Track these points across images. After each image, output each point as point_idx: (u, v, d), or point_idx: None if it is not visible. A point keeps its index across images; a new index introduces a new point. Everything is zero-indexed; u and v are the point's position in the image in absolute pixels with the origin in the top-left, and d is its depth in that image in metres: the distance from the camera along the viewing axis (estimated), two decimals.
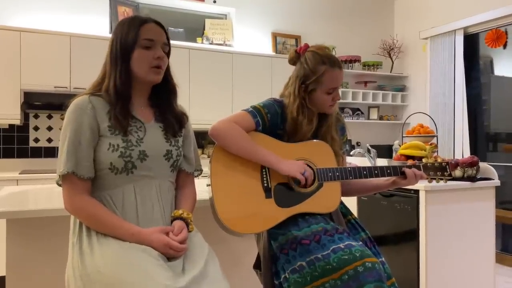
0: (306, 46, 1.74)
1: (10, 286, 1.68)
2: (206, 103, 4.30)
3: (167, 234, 1.33)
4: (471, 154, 4.53)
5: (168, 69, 1.50)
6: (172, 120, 1.49)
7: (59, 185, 1.37)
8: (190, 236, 1.41)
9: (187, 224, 1.41)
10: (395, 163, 2.91)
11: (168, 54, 1.48)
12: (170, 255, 1.30)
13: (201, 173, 1.65)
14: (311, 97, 1.69)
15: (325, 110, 1.73)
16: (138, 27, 1.39)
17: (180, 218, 1.41)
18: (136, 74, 1.41)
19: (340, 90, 1.80)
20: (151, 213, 1.38)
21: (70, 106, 1.36)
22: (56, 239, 1.68)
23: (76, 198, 1.33)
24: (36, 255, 1.72)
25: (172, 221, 1.41)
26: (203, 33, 4.70)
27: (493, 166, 2.98)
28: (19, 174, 3.45)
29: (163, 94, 1.50)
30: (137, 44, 1.38)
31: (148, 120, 1.45)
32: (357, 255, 1.43)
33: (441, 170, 1.79)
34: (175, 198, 1.52)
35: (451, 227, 2.71)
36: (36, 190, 2.17)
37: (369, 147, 3.51)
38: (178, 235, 1.34)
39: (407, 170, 1.72)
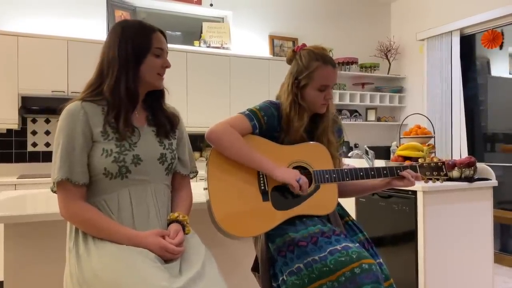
0: (304, 45, 1.75)
1: None
2: (204, 106, 4.31)
3: (163, 237, 1.33)
4: (468, 154, 4.54)
5: None
6: (164, 121, 1.50)
7: (54, 192, 1.37)
8: (187, 238, 1.42)
9: (183, 227, 1.41)
10: (392, 164, 2.91)
11: None
12: (166, 257, 1.31)
13: (196, 174, 1.65)
14: (303, 93, 1.70)
15: (316, 108, 1.72)
16: (150, 35, 1.42)
17: (176, 221, 1.41)
18: (145, 79, 1.42)
19: (336, 91, 1.80)
20: (146, 217, 1.38)
21: (63, 113, 1.36)
22: (54, 244, 1.68)
23: (71, 205, 1.33)
24: (34, 259, 1.72)
25: (168, 225, 1.41)
26: (200, 36, 4.71)
27: (490, 166, 2.99)
28: (17, 178, 3.45)
29: (155, 97, 1.52)
30: (150, 51, 1.41)
31: (141, 125, 1.46)
32: (354, 256, 1.43)
33: (437, 170, 1.79)
34: (172, 200, 1.52)
35: (449, 227, 2.71)
36: (34, 194, 2.17)
37: (367, 149, 3.51)
38: (174, 238, 1.34)
39: (402, 173, 1.73)
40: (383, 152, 4.88)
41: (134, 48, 1.39)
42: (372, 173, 1.72)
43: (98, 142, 1.35)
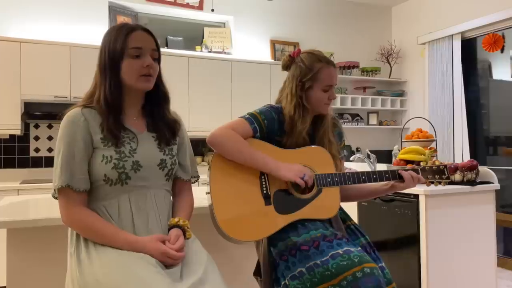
0: (299, 50, 1.78)
1: None
2: (206, 110, 4.32)
3: (163, 242, 1.33)
4: (470, 158, 4.53)
5: (159, 76, 1.48)
6: (164, 128, 1.49)
7: (56, 198, 1.37)
8: (188, 242, 1.42)
9: (184, 232, 1.41)
10: (394, 168, 2.91)
11: (158, 60, 1.46)
12: (167, 263, 1.30)
13: (197, 179, 1.65)
14: (308, 95, 1.72)
15: (320, 109, 1.74)
16: (125, 36, 1.38)
17: (176, 226, 1.41)
18: (127, 84, 1.40)
19: (337, 95, 1.82)
20: (147, 223, 1.38)
21: (63, 120, 1.37)
22: (57, 249, 1.68)
23: (72, 211, 1.33)
24: (36, 264, 1.72)
25: (169, 230, 1.41)
26: (202, 42, 4.73)
27: (493, 169, 2.99)
28: (20, 184, 3.46)
29: (156, 102, 1.50)
30: (125, 53, 1.37)
31: (140, 131, 1.45)
32: (356, 260, 1.43)
33: (439, 173, 1.79)
34: (173, 206, 1.52)
35: (452, 231, 2.70)
36: (37, 199, 2.17)
37: (369, 153, 3.51)
38: (175, 243, 1.34)
39: (403, 173, 1.73)
40: (385, 156, 4.88)
41: (109, 55, 1.38)
42: (374, 176, 1.73)
43: (98, 148, 1.36)
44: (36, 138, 3.98)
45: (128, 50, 1.37)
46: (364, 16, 5.68)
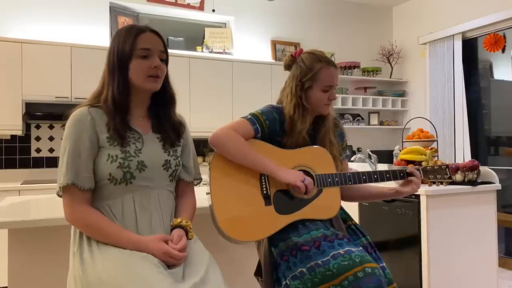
0: (301, 50, 1.79)
1: None
2: (207, 111, 4.32)
3: (166, 242, 1.33)
4: (472, 158, 4.53)
5: (166, 77, 1.50)
6: (169, 130, 1.50)
7: (60, 196, 1.38)
8: (190, 243, 1.42)
9: (186, 232, 1.42)
10: (395, 168, 2.91)
11: (166, 62, 1.48)
12: (170, 263, 1.31)
13: (200, 181, 1.66)
14: (308, 95, 1.72)
15: (320, 109, 1.74)
16: (134, 37, 1.39)
17: (179, 226, 1.42)
18: (134, 84, 1.41)
19: (338, 95, 1.82)
20: (150, 223, 1.38)
21: (70, 118, 1.38)
22: (58, 249, 1.68)
23: (76, 209, 1.34)
24: (38, 265, 1.72)
25: (171, 230, 1.42)
26: (203, 42, 4.73)
27: (494, 170, 2.98)
28: (21, 184, 3.46)
29: (162, 104, 1.51)
30: (134, 54, 1.39)
31: (146, 131, 1.46)
32: (357, 260, 1.43)
33: (441, 173, 1.79)
34: (175, 207, 1.53)
35: (453, 231, 2.70)
36: (38, 200, 2.17)
37: (370, 153, 3.51)
38: (178, 244, 1.34)
39: (411, 178, 1.73)
40: (386, 156, 4.87)
41: (118, 55, 1.39)
42: (375, 176, 1.73)
43: (104, 147, 1.37)
44: (37, 138, 3.98)
45: (136, 51, 1.39)
46: (365, 16, 5.67)
